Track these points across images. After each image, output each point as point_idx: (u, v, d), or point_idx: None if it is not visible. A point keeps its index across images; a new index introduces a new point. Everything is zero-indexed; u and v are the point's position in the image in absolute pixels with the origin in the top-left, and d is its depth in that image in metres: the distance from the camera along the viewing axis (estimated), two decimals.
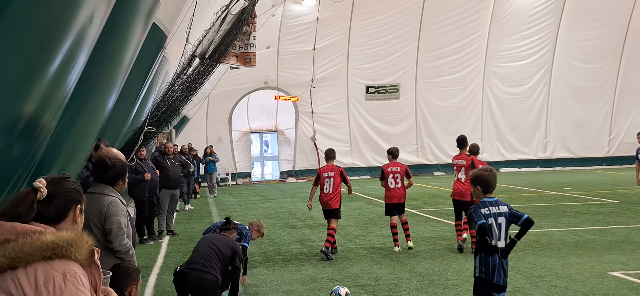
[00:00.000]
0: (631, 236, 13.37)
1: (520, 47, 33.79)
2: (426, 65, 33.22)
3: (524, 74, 34.29)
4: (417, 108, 33.91)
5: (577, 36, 33.83)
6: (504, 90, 34.44)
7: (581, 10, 33.23)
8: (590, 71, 34.66)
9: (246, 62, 21.84)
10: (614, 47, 34.46)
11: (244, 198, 25.34)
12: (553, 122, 35.08)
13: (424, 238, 14.14)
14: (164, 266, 11.96)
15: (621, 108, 35.46)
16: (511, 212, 6.49)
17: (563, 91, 34.75)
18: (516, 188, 24.77)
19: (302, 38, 31.72)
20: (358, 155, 33.61)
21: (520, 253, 11.96)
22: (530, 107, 34.79)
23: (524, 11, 33.10)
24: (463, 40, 33.03)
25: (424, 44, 32.79)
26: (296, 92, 32.75)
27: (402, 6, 31.94)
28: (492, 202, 6.45)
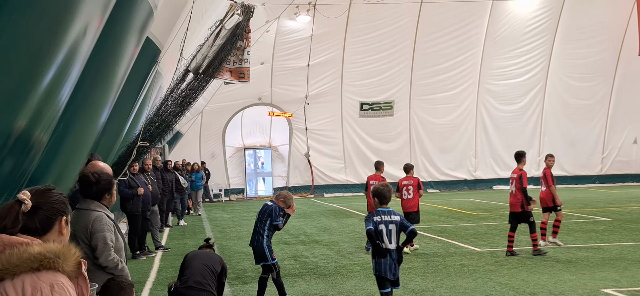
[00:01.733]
0: (624, 254, 13.38)
1: (514, 64, 33.92)
2: (420, 82, 33.30)
3: (518, 91, 34.41)
4: (411, 126, 33.97)
5: (571, 54, 34.00)
6: (498, 107, 34.53)
7: (575, 28, 33.41)
8: (584, 90, 34.80)
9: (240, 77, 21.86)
10: (608, 66, 34.63)
11: (237, 214, 25.28)
12: (546, 140, 35.16)
13: (417, 254, 14.11)
14: (156, 282, 11.90)
15: (614, 127, 35.59)
16: (402, 222, 7.79)
17: (557, 109, 34.87)
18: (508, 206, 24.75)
19: (296, 54, 31.79)
20: (352, 171, 33.60)
21: (514, 270, 11.98)
22: (524, 124, 34.89)
23: (519, 29, 33.25)
24: (457, 57, 33.15)
25: (418, 61, 32.89)
26: (290, 108, 32.79)
27: (397, 23, 32.06)
28: (386, 212, 7.82)
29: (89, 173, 5.71)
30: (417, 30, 32.37)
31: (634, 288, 10.32)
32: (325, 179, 33.38)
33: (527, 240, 15.52)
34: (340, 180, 33.31)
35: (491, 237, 16.46)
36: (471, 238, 16.31)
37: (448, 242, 15.82)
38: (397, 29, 32.25)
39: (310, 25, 31.26)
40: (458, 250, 14.66)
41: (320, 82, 32.70)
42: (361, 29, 31.91)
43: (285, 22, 30.88)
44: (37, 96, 4.31)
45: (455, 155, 34.58)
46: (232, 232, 19.42)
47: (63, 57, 4.40)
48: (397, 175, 34.12)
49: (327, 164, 33.37)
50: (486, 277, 11.46)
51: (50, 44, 4.14)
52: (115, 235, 5.69)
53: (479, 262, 12.97)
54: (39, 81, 4.23)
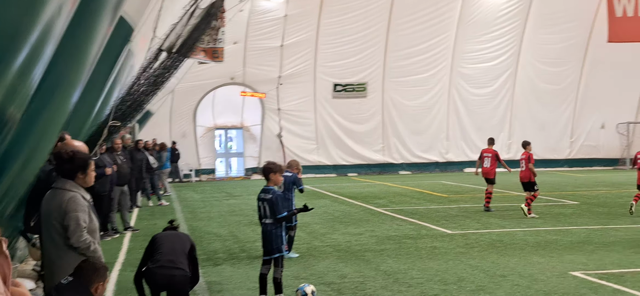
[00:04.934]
0: (591, 237, 13.62)
1: (486, 48, 34.16)
2: (394, 64, 33.40)
3: (489, 75, 34.68)
4: (384, 107, 34.07)
5: (542, 40, 34.32)
6: (470, 91, 34.79)
7: (546, 14, 33.71)
8: (554, 74, 35.19)
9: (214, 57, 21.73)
10: (578, 51, 35.03)
11: (207, 194, 25.19)
12: (517, 123, 35.53)
13: (389, 236, 14.21)
14: (126, 263, 11.84)
15: (583, 111, 36.08)
16: (271, 202, 8.71)
17: (527, 93, 35.23)
18: (479, 188, 25.00)
19: (269, 34, 31.65)
20: (324, 152, 33.64)
21: (484, 253, 12.12)
22: (495, 108, 35.21)
23: (491, 13, 33.46)
24: (431, 40, 33.28)
25: (392, 43, 32.96)
26: (263, 88, 32.66)
27: (371, 5, 32.07)
28: (266, 190, 8.77)
29: (63, 151, 5.63)
30: (391, 12, 32.40)
31: (601, 271, 10.52)
32: (298, 159, 33.33)
33: (497, 223, 15.75)
34: (313, 160, 33.33)
35: (462, 219, 16.63)
36: (442, 221, 16.46)
37: (419, 224, 15.95)
38: (371, 10, 32.26)
39: (285, 5, 31.12)
40: (429, 232, 14.79)
41: (293, 62, 32.61)
42: (336, 10, 31.84)
43: (259, 2, 30.70)
44: (11, 74, 4.24)
45: (427, 137, 34.81)
46: (203, 213, 19.36)
47: (37, 35, 4.33)
48: (370, 157, 34.37)
49: (299, 145, 33.37)
50: (457, 259, 11.59)
51: (24, 23, 4.07)
52: (90, 216, 5.63)
53: (450, 244, 13.11)
54: (13, 60, 4.16)
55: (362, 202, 21.15)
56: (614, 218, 16.41)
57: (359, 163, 34.30)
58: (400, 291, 9.38)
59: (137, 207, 20.34)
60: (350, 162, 34.19)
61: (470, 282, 9.85)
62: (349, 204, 20.70)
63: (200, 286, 9.99)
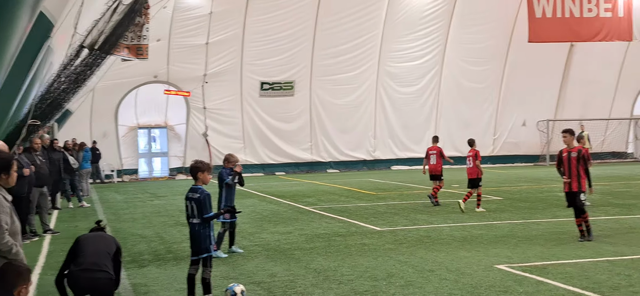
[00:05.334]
0: (514, 231, 13.93)
1: (412, 47, 34.62)
2: (321, 63, 33.44)
3: (415, 74, 35.17)
4: (311, 106, 34.06)
5: (466, 39, 35.05)
6: (397, 89, 35.19)
7: (469, 14, 34.43)
8: (477, 73, 35.99)
9: (138, 54, 21.19)
10: (499, 51, 35.93)
11: (130, 195, 24.58)
12: (442, 121, 36.16)
13: (319, 234, 14.16)
14: (46, 266, 11.45)
15: (505, 109, 37.04)
16: (199, 201, 8.52)
17: (452, 91, 35.90)
18: (407, 186, 25.34)
19: (194, 31, 31.16)
20: (251, 151, 33.38)
21: (413, 249, 12.23)
22: (421, 106, 35.73)
23: (416, 13, 33.93)
24: (358, 39, 33.48)
25: (320, 42, 32.99)
26: (188, 86, 32.11)
27: (298, 3, 32.02)
28: (194, 189, 8.60)
29: None
30: (318, 11, 32.43)
31: (525, 263, 10.77)
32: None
33: (425, 219, 15.92)
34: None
35: (390, 216, 16.74)
36: (371, 218, 16.53)
37: (349, 222, 15.96)
38: (299, 9, 32.19)
39: (210, 3, 30.69)
40: (359, 229, 14.83)
41: (219, 60, 32.20)
42: (262, 8, 31.63)
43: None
44: None
45: (355, 135, 35.01)
46: (126, 214, 18.86)
47: None
48: (298, 156, 34.28)
49: (225, 144, 32.95)
50: (386, 255, 11.64)
51: None
52: (12, 218, 5.37)
53: (379, 241, 13.17)
54: None
55: (290, 200, 21.04)
56: (536, 213, 16.87)
57: (287, 162, 34.19)
58: (330, 289, 9.31)
59: (57, 208, 19.63)
60: (278, 160, 34.03)
61: (399, 278, 9.89)
62: (278, 203, 20.56)
63: (126, 288, 9.69)
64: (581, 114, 38.10)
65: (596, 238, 12.97)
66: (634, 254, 11.33)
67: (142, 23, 19.98)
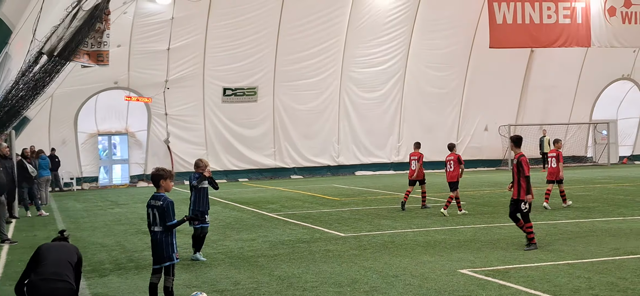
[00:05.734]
0: (477, 236, 14.02)
1: (375, 53, 34.72)
2: (285, 68, 33.32)
3: (379, 79, 35.27)
4: (275, 112, 33.92)
5: (428, 45, 35.28)
6: (360, 94, 35.24)
7: (431, 20, 34.67)
8: (440, 79, 36.25)
9: (99, 60, 20.89)
10: (462, 57, 36.24)
11: (91, 203, 24.17)
12: (406, 126, 36.32)
13: (283, 241, 14.08)
14: (4, 277, 11.28)
15: (467, 114, 37.36)
16: (161, 209, 8.43)
17: (415, 97, 36.09)
18: (371, 191, 25.38)
19: (155, 37, 30.80)
20: (214, 158, 33.07)
21: (377, 254, 12.23)
22: (385, 111, 35.84)
23: (379, 19, 34.05)
24: (321, 44, 33.45)
25: (283, 47, 32.87)
26: (149, 92, 31.72)
27: (261, 9, 31.85)
28: (156, 197, 8.52)
29: None
30: (281, 16, 32.31)
31: (488, 267, 10.86)
32: (186, 166, 32.55)
33: (389, 224, 15.91)
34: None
35: (355, 222, 16.72)
36: (335, 224, 16.49)
37: (313, 228, 15.91)
38: (262, 14, 32.04)
39: (171, 8, 30.37)
40: (323, 235, 14.78)
41: (181, 66, 31.87)
42: (225, 13, 31.40)
43: (144, 4, 29.82)
44: None
45: (319, 141, 34.96)
46: (86, 223, 18.53)
47: None
48: (261, 162, 34.11)
49: (188, 150, 32.64)
50: (351, 261, 11.62)
51: None
52: None
53: (343, 247, 13.14)
54: None
55: (254, 207, 20.90)
56: (498, 217, 17.02)
57: (250, 168, 33.98)
58: None
59: (15, 217, 19.18)
60: (241, 167, 33.79)
61: (364, 284, 9.88)
62: (241, 210, 20.41)
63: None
64: (542, 119, 38.67)
65: (557, 241, 13.15)
66: (594, 257, 11.50)
67: (102, 29, 19.71)
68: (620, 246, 12.34)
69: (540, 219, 16.41)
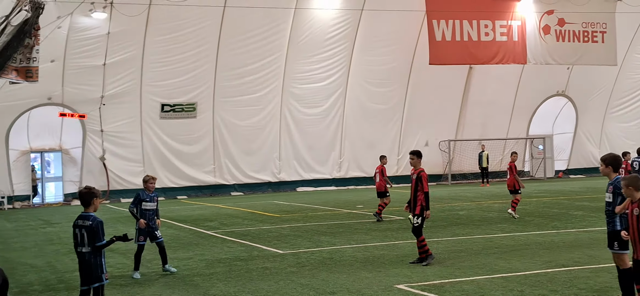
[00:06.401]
0: (415, 251, 13.96)
1: (317, 69, 34.67)
2: (225, 84, 32.96)
3: (320, 95, 35.22)
4: (214, 128, 33.48)
5: (369, 61, 35.43)
6: (302, 110, 35.13)
7: (372, 36, 34.85)
8: (381, 95, 36.43)
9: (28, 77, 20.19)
10: (402, 73, 36.51)
11: (22, 223, 23.36)
12: (347, 142, 36.36)
13: (220, 259, 13.84)
14: None
15: (408, 130, 37.62)
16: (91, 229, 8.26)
17: (356, 113, 36.18)
18: (312, 207, 25.26)
19: (91, 52, 30.05)
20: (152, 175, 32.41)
21: (315, 271, 12.18)
22: (327, 127, 35.81)
23: (320, 35, 34.05)
24: (262, 60, 33.23)
25: (223, 63, 32.51)
26: (84, 108, 30.91)
27: (201, 23, 31.45)
28: (85, 216, 8.35)
29: None
30: (221, 32, 31.96)
31: (424, 282, 10.91)
32: (123, 183, 31.94)
33: (328, 241, 15.80)
34: (139, 184, 31.83)
35: (294, 239, 16.57)
36: (274, 241, 16.31)
37: (251, 245, 15.69)
38: (201, 30, 31.64)
39: (107, 23, 29.72)
40: (261, 253, 14.60)
41: (117, 81, 31.17)
42: (163, 28, 30.89)
43: (79, 19, 29.10)
44: None
45: (260, 157, 34.66)
46: (16, 243, 17.91)
47: None
48: (200, 179, 33.62)
49: (124, 167, 31.91)
50: (288, 279, 11.52)
51: None
52: None
53: (282, 264, 13.00)
54: None
55: (192, 225, 20.53)
56: (437, 231, 17.12)
57: (189, 185, 33.42)
58: None
59: None
60: (179, 184, 33.22)
61: None
62: (178, 228, 20.00)
63: None
64: (481, 134, 39.27)
65: (492, 255, 13.28)
66: (527, 270, 11.65)
67: (31, 45, 19.06)
68: (552, 259, 12.53)
69: (478, 233, 16.59)
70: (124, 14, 29.28)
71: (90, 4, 28.47)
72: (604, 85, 40.51)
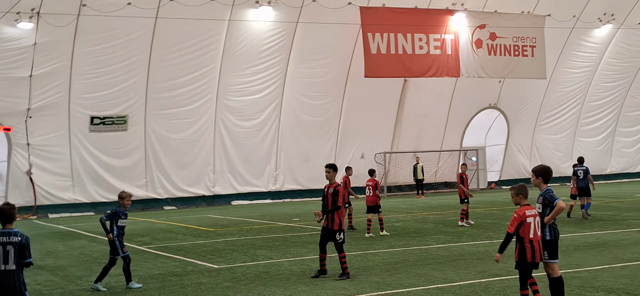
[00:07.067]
0: (352, 263, 13.92)
1: (252, 81, 34.31)
2: (157, 96, 32.26)
3: (255, 107, 34.88)
4: (146, 141, 32.71)
5: (305, 73, 35.32)
6: (237, 123, 34.70)
7: (307, 49, 34.77)
8: (316, 107, 36.34)
9: None
10: (338, 85, 36.54)
11: None
12: (283, 155, 36.12)
13: (153, 275, 13.46)
14: None
15: (344, 142, 37.67)
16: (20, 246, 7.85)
17: (292, 125, 35.99)
18: (247, 221, 24.92)
19: (16, 63, 28.97)
20: (81, 190, 31.41)
21: (251, 286, 11.98)
22: (262, 140, 35.47)
23: (255, 47, 33.76)
24: (195, 72, 32.69)
25: (155, 75, 31.82)
26: (9, 121, 29.74)
27: (132, 34, 30.73)
28: (8, 233, 7.89)
29: None
30: (152, 44, 31.30)
31: (361, 294, 10.84)
32: (50, 198, 30.84)
33: (264, 254, 15.57)
34: (68, 199, 30.98)
35: (229, 253, 16.24)
36: (209, 255, 15.95)
37: (185, 260, 15.30)
38: (132, 41, 30.91)
39: (34, 33, 28.74)
40: (195, 267, 14.26)
41: (45, 93, 30.10)
42: (92, 39, 30.04)
43: (4, 28, 28.12)
44: None
45: (193, 170, 34.03)
46: None
47: None
48: (132, 193, 32.67)
49: (52, 182, 30.83)
50: (224, 294, 11.32)
51: None
52: None
53: (217, 279, 12.73)
54: None
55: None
56: (373, 243, 17.11)
57: None
58: None
59: None
60: (110, 198, 32.22)
61: None
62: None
63: None
64: (416, 146, 39.67)
65: (428, 266, 13.30)
66: (462, 280, 11.69)
67: None
68: (486, 269, 12.62)
69: (414, 244, 16.63)
70: (51, 25, 28.42)
71: (15, 14, 27.57)
72: (534, 98, 41.58)
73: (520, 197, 8.95)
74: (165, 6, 30.38)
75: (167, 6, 30.38)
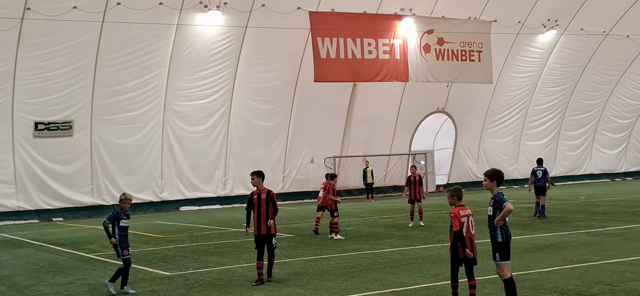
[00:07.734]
0: (306, 268, 13.93)
1: (200, 86, 33.98)
2: (103, 101, 31.62)
3: (204, 112, 34.55)
4: (92, 147, 32.04)
5: (254, 78, 35.14)
6: (185, 128, 34.30)
7: (257, 53, 34.62)
8: (266, 112, 36.23)
9: None
10: (287, 90, 36.51)
11: None
12: (232, 159, 35.87)
13: (103, 283, 13.14)
14: None
15: (294, 147, 37.66)
16: None
17: (242, 130, 35.77)
18: (197, 227, 24.63)
19: None
20: (25, 197, 30.56)
21: (205, 292, 11.83)
22: (211, 145, 35.16)
23: (203, 51, 33.43)
24: (142, 77, 32.17)
25: (101, 79, 31.18)
26: None
27: (77, 39, 30.03)
28: None
29: None
30: (98, 48, 30.67)
31: None
32: None
33: (216, 261, 15.41)
34: (11, 206, 30.09)
35: (180, 260, 16.02)
36: (160, 263, 15.70)
37: (136, 268, 14.98)
38: (77, 45, 30.20)
39: None
40: (147, 275, 14.05)
41: None
42: (36, 44, 29.25)
43: None
44: None
45: (141, 176, 33.48)
46: None
47: None
48: (78, 200, 32.05)
49: None
50: None
51: None
52: None
53: (170, 287, 12.57)
54: None
55: (70, 248, 19.43)
56: (326, 248, 17.10)
57: (66, 207, 31.76)
58: None
59: None
60: (55, 205, 31.50)
61: None
62: (56, 252, 18.89)
63: None
64: (365, 150, 39.93)
65: (383, 270, 13.34)
66: (417, 284, 11.76)
67: None
68: (440, 272, 12.73)
69: (366, 248, 16.68)
70: None
71: None
72: (480, 103, 42.34)
73: (455, 199, 9.87)
74: (112, 10, 29.82)
75: (113, 10, 29.83)
